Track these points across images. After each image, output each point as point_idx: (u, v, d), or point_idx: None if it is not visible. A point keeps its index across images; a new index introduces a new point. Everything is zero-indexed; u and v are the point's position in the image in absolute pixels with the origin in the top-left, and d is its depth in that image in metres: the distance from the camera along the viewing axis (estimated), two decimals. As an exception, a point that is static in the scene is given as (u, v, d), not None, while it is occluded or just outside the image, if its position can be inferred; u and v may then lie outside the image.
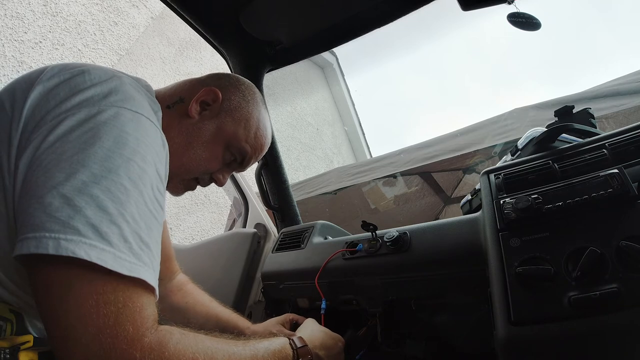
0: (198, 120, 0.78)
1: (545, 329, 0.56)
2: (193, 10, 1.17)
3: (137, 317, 0.47)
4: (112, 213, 0.48)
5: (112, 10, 3.38)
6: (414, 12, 1.13)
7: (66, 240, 0.45)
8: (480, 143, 2.35)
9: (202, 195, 3.95)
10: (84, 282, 0.46)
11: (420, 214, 3.35)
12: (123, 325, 0.46)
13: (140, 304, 0.49)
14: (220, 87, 0.81)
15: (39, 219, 0.46)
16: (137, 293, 0.49)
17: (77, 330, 0.45)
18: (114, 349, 0.45)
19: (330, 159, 6.37)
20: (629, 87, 1.93)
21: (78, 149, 0.50)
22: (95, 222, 0.46)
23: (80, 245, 0.45)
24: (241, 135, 0.82)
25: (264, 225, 1.51)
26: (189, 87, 0.82)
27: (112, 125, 0.53)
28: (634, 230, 0.57)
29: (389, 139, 10.02)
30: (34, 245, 0.45)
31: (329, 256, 1.05)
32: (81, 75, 0.58)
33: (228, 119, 0.80)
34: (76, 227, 0.45)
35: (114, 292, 0.46)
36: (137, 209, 0.51)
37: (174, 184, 0.81)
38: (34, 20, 2.81)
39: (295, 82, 6.06)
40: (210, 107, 0.80)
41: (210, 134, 0.79)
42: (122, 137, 0.53)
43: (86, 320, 0.45)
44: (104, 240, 0.46)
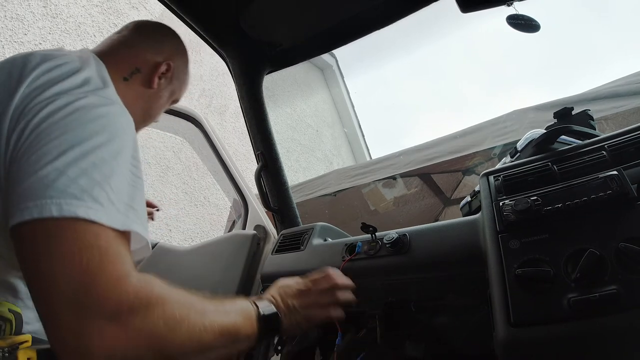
0: (157, 90, 0.90)
1: (545, 331, 0.56)
2: (193, 12, 1.17)
3: (119, 259, 0.53)
4: (100, 182, 0.55)
5: (112, 12, 3.38)
6: (413, 15, 1.13)
7: (67, 204, 0.51)
8: (479, 145, 2.35)
9: (202, 197, 3.96)
10: (84, 234, 0.52)
11: (420, 216, 3.35)
12: (112, 265, 0.52)
13: (120, 251, 0.54)
14: (173, 59, 0.93)
15: (38, 189, 0.52)
16: (117, 242, 0.54)
17: (61, 275, 0.49)
18: (100, 286, 0.49)
19: (330, 160, 6.37)
20: (628, 89, 1.94)
21: (64, 130, 0.57)
22: (87, 188, 0.53)
23: (80, 207, 0.51)
24: (182, 92, 1.01)
25: (263, 226, 1.51)
26: (139, 54, 0.88)
27: (90, 110, 0.62)
28: (633, 231, 0.57)
29: (388, 140, 10.05)
30: (37, 211, 0.50)
31: (330, 264, 1.04)
32: (58, 69, 0.66)
33: (178, 83, 0.97)
34: (73, 193, 0.52)
35: (96, 239, 0.52)
36: (119, 179, 0.58)
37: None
38: (34, 22, 2.81)
39: (294, 83, 6.07)
40: (165, 76, 0.91)
41: (165, 99, 0.95)
42: (102, 120, 0.62)
43: (85, 264, 0.50)
44: (96, 202, 0.53)
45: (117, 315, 0.49)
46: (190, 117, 1.67)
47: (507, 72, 8.88)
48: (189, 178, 3.91)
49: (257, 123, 1.41)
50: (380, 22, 1.18)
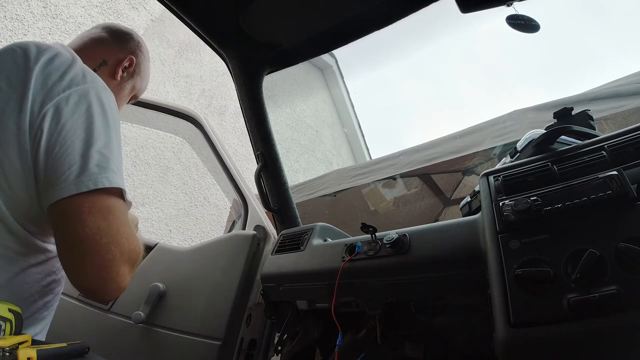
0: (120, 82, 1.01)
1: (545, 331, 0.56)
2: (192, 13, 1.18)
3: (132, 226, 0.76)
4: (117, 163, 0.73)
5: (112, 13, 3.38)
6: (413, 16, 1.13)
7: (109, 178, 0.69)
8: (479, 145, 2.35)
9: (202, 197, 3.96)
10: (121, 202, 0.72)
11: (420, 216, 3.36)
12: (132, 227, 0.74)
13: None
14: (135, 54, 1.03)
15: (81, 169, 0.67)
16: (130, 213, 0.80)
17: (123, 239, 0.69)
18: (137, 243, 0.74)
19: (330, 160, 6.38)
20: (628, 89, 1.94)
21: (90, 120, 0.72)
22: (116, 169, 0.71)
23: (119, 179, 0.71)
24: (143, 88, 1.11)
25: (263, 227, 1.51)
26: (107, 49, 1.00)
27: (102, 100, 0.76)
28: (633, 232, 0.57)
29: (388, 141, 10.04)
30: (92, 183, 0.67)
31: (330, 264, 1.04)
32: (57, 58, 0.77)
33: (138, 78, 1.06)
34: (112, 169, 0.70)
35: (126, 209, 0.74)
36: (119, 149, 0.76)
37: None
38: (34, 22, 2.81)
39: (294, 84, 6.07)
40: (127, 70, 1.02)
41: (127, 92, 1.04)
42: (111, 110, 0.77)
43: (127, 230, 0.71)
44: (120, 175, 0.72)
45: (135, 265, 0.73)
46: (190, 117, 1.67)
47: (506, 73, 8.89)
48: (189, 178, 3.91)
49: (257, 123, 1.41)
50: (380, 22, 1.18)
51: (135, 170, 3.48)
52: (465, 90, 9.12)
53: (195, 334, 1.26)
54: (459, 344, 0.94)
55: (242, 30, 1.23)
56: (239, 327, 1.27)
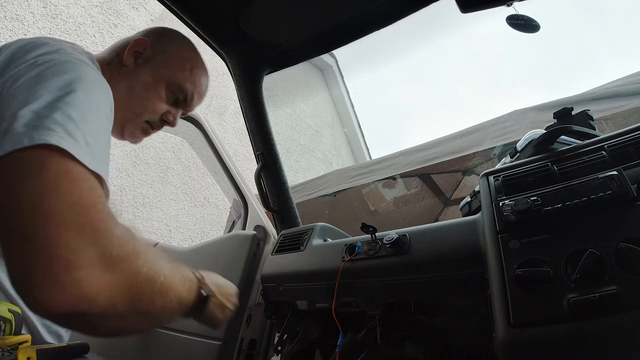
0: (134, 68, 0.90)
1: (545, 331, 0.56)
2: (192, 13, 1.18)
3: (104, 201, 0.53)
4: (75, 120, 0.54)
5: (112, 13, 3.38)
6: (412, 16, 1.13)
7: (38, 134, 0.50)
8: (479, 145, 2.35)
9: (202, 197, 3.96)
10: (61, 163, 0.50)
11: (420, 216, 3.36)
12: (97, 198, 0.51)
13: (103, 195, 0.53)
14: (149, 37, 0.92)
15: (14, 128, 0.51)
16: (100, 188, 0.53)
17: (53, 199, 0.46)
18: (93, 218, 0.48)
19: (330, 161, 6.38)
20: (628, 89, 1.94)
21: (41, 79, 0.59)
22: (63, 123, 0.53)
23: (53, 136, 0.50)
24: (177, 73, 0.92)
25: (263, 227, 1.51)
26: (122, 43, 0.93)
27: (67, 65, 0.63)
28: (633, 232, 0.57)
29: (388, 141, 10.06)
30: (10, 144, 0.49)
31: (330, 264, 1.04)
32: (34, 41, 0.68)
33: (160, 61, 0.92)
34: (47, 126, 0.51)
35: (85, 176, 0.52)
36: (95, 124, 0.59)
37: (130, 129, 0.91)
38: (34, 22, 2.81)
39: (294, 84, 6.08)
40: (143, 55, 0.91)
41: (148, 77, 0.90)
42: (77, 73, 0.62)
43: (63, 190, 0.48)
44: (70, 137, 0.52)
45: (106, 255, 0.47)
46: (190, 117, 1.67)
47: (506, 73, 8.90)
48: (189, 178, 3.91)
49: (257, 123, 1.41)
50: (380, 22, 1.18)
51: (135, 170, 3.48)
52: (465, 90, 9.14)
53: (195, 333, 1.26)
54: (458, 344, 0.94)
55: (242, 30, 1.23)
56: (239, 327, 1.26)
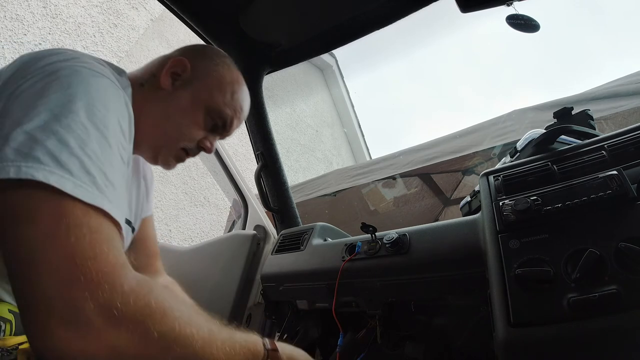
0: (172, 91, 0.81)
1: (545, 331, 0.56)
2: (192, 12, 1.18)
3: (112, 245, 0.47)
4: (72, 146, 0.49)
5: (112, 13, 3.38)
6: (412, 16, 1.13)
7: (27, 166, 0.45)
8: (479, 145, 2.35)
9: (202, 197, 3.96)
10: (51, 205, 0.45)
11: (420, 216, 3.36)
12: (99, 247, 0.45)
13: (111, 235, 0.48)
14: (187, 56, 0.84)
15: (3, 152, 0.47)
16: (107, 225, 0.48)
17: (47, 252, 0.43)
18: (92, 271, 0.43)
19: (330, 160, 6.37)
20: (628, 89, 1.94)
21: (41, 94, 0.53)
22: (55, 152, 0.47)
23: (40, 170, 0.45)
24: (217, 98, 0.83)
25: (263, 227, 1.51)
26: (159, 63, 0.84)
27: (74, 77, 0.57)
28: (633, 231, 0.57)
29: (388, 141, 10.06)
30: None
31: (330, 264, 1.04)
32: (47, 51, 0.62)
33: (200, 84, 0.83)
34: (36, 157, 0.46)
35: (85, 217, 0.46)
36: (99, 148, 0.52)
37: (163, 155, 0.84)
38: (34, 22, 2.81)
39: (294, 83, 6.07)
40: (181, 77, 0.82)
41: (186, 102, 0.81)
42: (83, 86, 0.56)
43: (57, 241, 0.43)
44: (63, 169, 0.47)
45: (107, 312, 0.43)
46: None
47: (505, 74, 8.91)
48: (189, 178, 3.90)
49: (257, 123, 1.41)
50: (380, 22, 1.18)
51: (135, 170, 3.48)
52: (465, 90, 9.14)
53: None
54: (458, 343, 0.94)
55: (242, 30, 1.23)
56: (239, 327, 1.27)
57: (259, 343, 0.65)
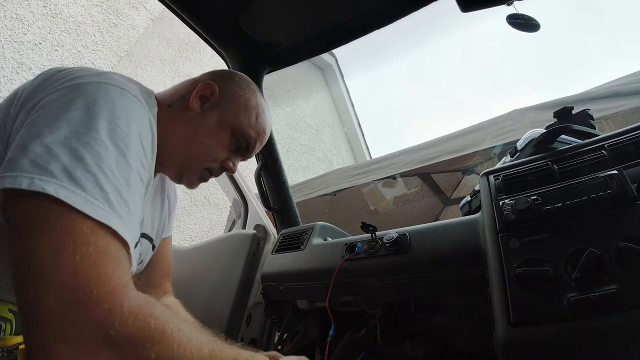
0: (200, 113, 0.83)
1: (545, 330, 0.56)
2: (192, 12, 1.17)
3: (117, 265, 0.47)
4: (88, 163, 0.50)
5: (112, 12, 3.38)
6: (411, 16, 1.13)
7: (40, 180, 0.46)
8: (479, 144, 2.35)
9: (202, 197, 3.95)
10: (61, 220, 0.46)
11: (420, 215, 3.36)
12: (103, 267, 0.46)
13: (118, 255, 0.49)
14: (216, 81, 0.86)
15: (20, 162, 0.48)
16: (115, 244, 0.49)
17: (51, 267, 0.43)
18: (93, 291, 0.43)
19: (330, 160, 6.37)
20: (628, 88, 1.93)
21: (65, 109, 0.54)
22: (70, 168, 0.48)
23: (51, 184, 0.46)
24: (243, 120, 0.86)
25: (263, 226, 1.51)
26: (188, 85, 0.87)
27: (99, 94, 0.58)
28: (633, 231, 0.57)
29: (388, 140, 10.07)
30: (10, 181, 0.47)
31: (330, 263, 1.04)
32: (75, 71, 0.64)
33: (228, 107, 0.85)
34: (51, 171, 0.47)
35: (93, 235, 0.47)
36: (117, 166, 0.53)
37: (188, 175, 0.86)
38: (34, 22, 2.81)
39: (294, 83, 6.07)
40: (210, 100, 0.84)
41: (213, 124, 0.83)
42: (107, 104, 0.57)
43: (62, 258, 0.44)
44: (75, 184, 0.48)
45: (105, 332, 0.43)
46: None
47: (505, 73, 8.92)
48: (189, 178, 3.90)
49: (257, 123, 1.41)
50: (380, 21, 1.18)
51: (135, 169, 3.48)
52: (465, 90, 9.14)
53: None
54: (458, 343, 0.94)
55: (242, 30, 1.23)
56: (239, 326, 1.27)
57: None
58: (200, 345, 0.52)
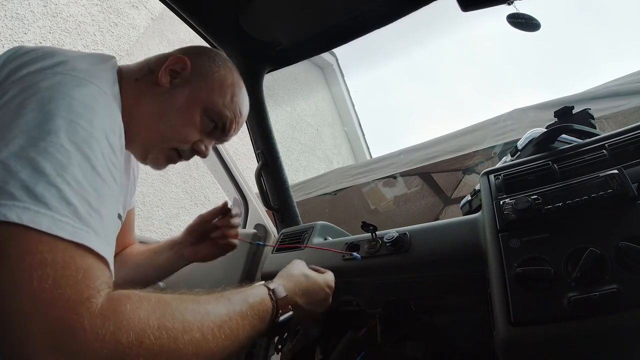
0: (169, 89, 0.78)
1: (545, 330, 0.56)
2: (193, 11, 1.17)
3: (80, 279, 0.42)
4: (49, 174, 0.45)
5: (112, 11, 3.38)
6: (411, 15, 1.13)
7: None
8: (480, 144, 2.35)
9: (202, 196, 3.96)
10: (17, 245, 0.41)
11: (420, 215, 3.36)
12: (62, 289, 0.40)
13: (85, 265, 0.43)
14: (189, 55, 0.81)
15: None
16: (80, 255, 0.44)
17: (10, 298, 0.39)
18: (54, 317, 0.39)
19: (330, 159, 6.37)
20: (628, 88, 1.94)
21: (18, 114, 0.49)
22: (29, 184, 0.43)
23: (13, 208, 0.41)
24: (217, 99, 0.80)
25: (263, 225, 1.51)
26: (157, 59, 0.81)
27: (55, 90, 0.52)
28: (633, 230, 0.57)
29: (388, 140, 10.08)
30: None
31: (330, 263, 1.04)
32: (33, 52, 0.59)
33: (201, 84, 0.80)
34: (10, 191, 0.42)
35: (52, 252, 0.42)
36: (81, 173, 0.47)
37: (154, 155, 0.81)
38: (34, 21, 2.81)
39: (295, 82, 6.07)
40: (180, 75, 0.79)
41: (183, 101, 0.78)
42: (65, 101, 0.51)
43: (20, 285, 0.39)
44: (39, 202, 0.43)
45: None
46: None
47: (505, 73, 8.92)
48: (189, 177, 3.91)
49: (258, 122, 1.41)
50: (380, 21, 1.18)
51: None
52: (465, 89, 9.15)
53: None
54: (459, 342, 0.94)
55: (242, 29, 1.23)
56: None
57: (265, 296, 0.64)
58: (186, 318, 0.49)
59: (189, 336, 0.47)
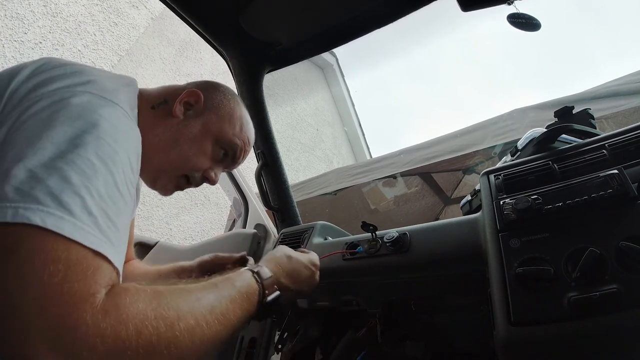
0: (183, 120, 0.82)
1: (545, 330, 0.56)
2: (193, 11, 1.17)
3: (89, 275, 0.44)
4: (75, 184, 0.47)
5: (112, 11, 3.38)
6: (411, 15, 1.13)
7: (24, 208, 0.43)
8: (480, 144, 2.35)
9: (202, 196, 3.96)
10: (32, 244, 0.43)
11: (420, 215, 3.36)
12: (70, 283, 0.42)
13: (96, 264, 0.45)
14: (201, 89, 0.86)
15: (3, 190, 0.45)
16: (93, 257, 0.45)
17: (16, 294, 0.40)
18: (58, 311, 0.40)
19: (330, 159, 6.37)
20: (628, 88, 1.94)
21: (48, 126, 0.51)
22: (55, 191, 0.45)
23: (37, 212, 0.43)
24: (227, 129, 0.86)
25: (264, 225, 1.51)
26: (173, 91, 0.86)
27: (85, 107, 0.55)
28: (633, 230, 0.57)
29: (388, 140, 10.08)
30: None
31: (331, 262, 1.04)
32: (62, 68, 0.61)
33: (212, 116, 0.85)
34: (36, 197, 0.44)
35: (67, 251, 0.43)
36: (104, 186, 0.50)
37: (163, 182, 0.85)
38: (34, 21, 2.81)
39: (295, 82, 6.07)
40: (194, 107, 0.84)
41: (196, 131, 0.83)
42: (94, 118, 0.54)
43: (29, 279, 0.41)
44: (64, 209, 0.45)
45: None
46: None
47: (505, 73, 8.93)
48: (189, 177, 3.91)
49: (258, 122, 1.41)
50: (380, 21, 1.18)
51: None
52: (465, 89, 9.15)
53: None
54: (459, 342, 0.94)
55: (243, 29, 1.23)
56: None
57: (250, 280, 0.67)
58: (180, 306, 0.50)
59: (183, 323, 0.49)
